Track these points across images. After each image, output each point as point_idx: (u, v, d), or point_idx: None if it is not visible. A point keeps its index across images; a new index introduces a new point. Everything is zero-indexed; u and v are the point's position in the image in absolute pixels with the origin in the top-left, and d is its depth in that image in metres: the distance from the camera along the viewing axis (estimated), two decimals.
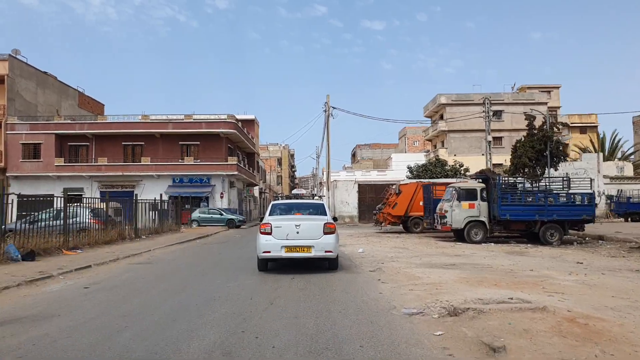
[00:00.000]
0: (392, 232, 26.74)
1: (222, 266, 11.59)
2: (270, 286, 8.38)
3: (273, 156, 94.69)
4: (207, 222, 33.25)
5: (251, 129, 49.11)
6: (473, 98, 60.51)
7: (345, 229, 30.88)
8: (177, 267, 11.39)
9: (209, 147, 38.26)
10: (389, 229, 28.17)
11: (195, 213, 33.90)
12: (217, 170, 37.16)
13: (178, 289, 8.25)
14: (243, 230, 30.55)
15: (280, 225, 9.66)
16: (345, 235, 23.40)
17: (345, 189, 37.85)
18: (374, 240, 20.42)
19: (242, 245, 18.01)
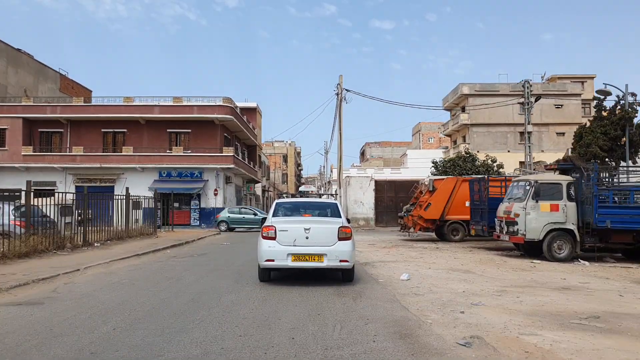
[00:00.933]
0: (422, 240, 21.26)
1: (158, 317, 6.13)
2: None
3: (278, 153, 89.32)
4: (239, 223, 28.33)
5: (252, 118, 43.80)
6: (499, 88, 55.06)
7: (361, 234, 25.41)
8: (68, 324, 5.95)
9: (201, 135, 32.95)
10: (416, 236, 22.67)
11: (224, 213, 28.72)
12: (210, 163, 31.83)
13: None
14: (240, 235, 25.15)
15: (287, 229, 8.17)
16: (364, 244, 17.97)
17: (359, 187, 32.42)
18: (409, 253, 14.96)
19: (219, 264, 12.36)
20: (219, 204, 32.38)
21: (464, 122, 54.29)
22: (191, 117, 32.26)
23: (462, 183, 20.29)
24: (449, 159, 36.12)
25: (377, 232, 27.81)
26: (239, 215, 28.65)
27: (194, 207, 32.38)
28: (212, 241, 19.79)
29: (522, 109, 56.45)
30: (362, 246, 17.22)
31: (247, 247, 16.26)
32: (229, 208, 29.86)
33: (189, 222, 32.32)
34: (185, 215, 32.43)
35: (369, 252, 15.19)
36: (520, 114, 54.64)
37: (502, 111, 54.15)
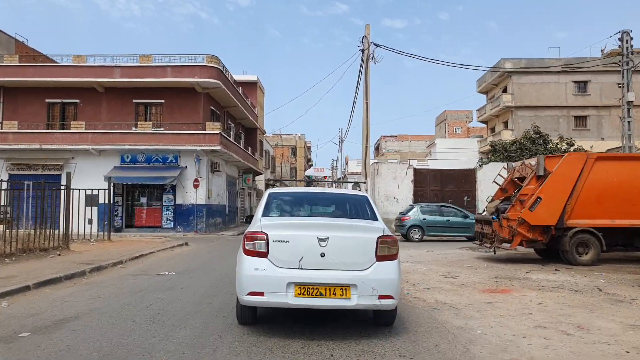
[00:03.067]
0: (515, 259, 12.56)
1: None
2: None
3: (286, 145, 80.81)
4: (440, 229, 19.74)
5: (252, 95, 35.30)
6: (549, 64, 45.83)
7: (400, 245, 16.84)
8: None
9: (179, 108, 24.51)
10: (504, 254, 13.90)
11: (416, 214, 19.71)
12: (189, 143, 23.36)
13: None
14: (229, 248, 16.71)
15: (287, 239, 4.79)
16: (420, 270, 9.40)
17: (392, 177, 23.73)
18: (549, 305, 6.20)
19: None
20: (200, 199, 23.90)
21: (506, 104, 45.40)
22: (164, 83, 23.80)
23: (596, 163, 11.58)
24: (512, 140, 27.46)
25: (423, 241, 19.14)
26: (441, 218, 19.69)
27: (167, 203, 23.97)
28: (153, 264, 11.21)
29: (577, 88, 47.44)
30: (422, 275, 8.71)
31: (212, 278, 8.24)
32: (421, 206, 20.29)
33: (160, 223, 23.93)
34: (156, 215, 24.04)
35: (450, 293, 6.74)
36: (576, 94, 45.77)
37: (552, 91, 45.17)
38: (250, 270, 4.76)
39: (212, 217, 25.16)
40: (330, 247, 4.76)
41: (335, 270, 4.75)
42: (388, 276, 4.82)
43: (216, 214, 26.12)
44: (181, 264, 10.93)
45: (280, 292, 4.67)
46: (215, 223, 25.79)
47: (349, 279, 4.70)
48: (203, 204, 23.90)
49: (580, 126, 44.52)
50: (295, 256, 4.76)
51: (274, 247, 4.79)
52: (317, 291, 4.69)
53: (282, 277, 4.70)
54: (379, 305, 4.80)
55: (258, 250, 4.82)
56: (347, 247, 4.84)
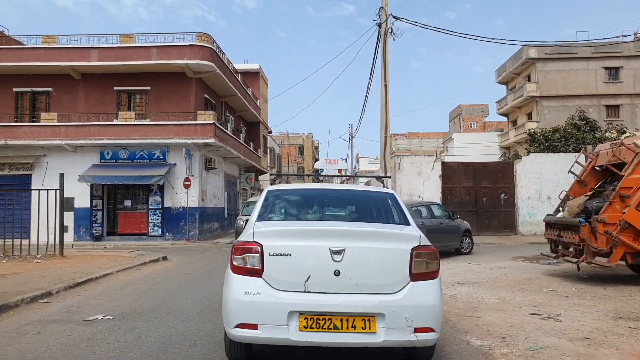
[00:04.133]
0: (611, 278, 8.97)
1: None
2: None
3: (293, 144, 77.42)
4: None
5: (254, 86, 31.90)
6: (577, 50, 42.02)
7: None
8: None
9: (168, 95, 21.16)
10: (586, 270, 10.27)
11: None
12: (178, 136, 19.97)
13: None
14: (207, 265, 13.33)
15: (289, 251, 3.64)
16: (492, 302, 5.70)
17: (416, 172, 20.17)
18: None
19: None
20: (193, 202, 20.51)
21: (530, 93, 41.72)
22: (149, 66, 20.45)
23: None
24: (554, 128, 23.79)
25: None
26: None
27: (154, 206, 20.61)
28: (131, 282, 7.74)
29: (608, 75, 43.58)
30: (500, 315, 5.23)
31: None
32: None
33: (147, 230, 20.57)
34: (141, 220, 20.70)
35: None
36: (607, 81, 41.94)
37: (581, 79, 41.32)
38: (239, 293, 3.58)
39: (207, 221, 21.78)
40: (347, 263, 3.57)
41: (355, 294, 3.56)
42: (427, 301, 3.60)
43: (212, 218, 22.74)
44: (136, 296, 7.45)
45: (280, 325, 3.48)
46: (211, 228, 22.40)
47: (374, 307, 3.52)
48: (195, 206, 20.51)
49: (613, 116, 40.59)
50: (299, 275, 3.57)
51: (271, 262, 3.61)
52: (329, 323, 3.47)
53: (281, 304, 3.51)
54: (415, 341, 3.54)
55: (250, 267, 3.64)
56: (371, 263, 3.63)
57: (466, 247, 14.42)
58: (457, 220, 14.48)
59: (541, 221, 20.75)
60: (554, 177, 20.54)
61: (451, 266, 11.80)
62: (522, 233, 20.40)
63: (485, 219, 20.52)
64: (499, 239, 19.76)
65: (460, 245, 14.16)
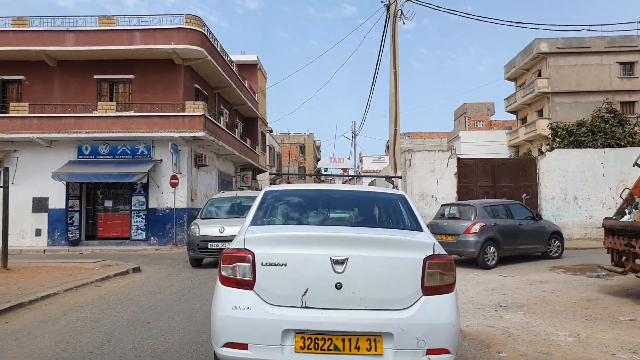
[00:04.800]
0: None
1: None
2: None
3: (294, 143, 75.38)
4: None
5: (252, 79, 29.87)
6: (590, 44, 40.06)
7: (463, 273, 11.22)
8: None
9: (153, 85, 19.14)
10: (634, 283, 8.23)
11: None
12: (163, 129, 17.94)
13: None
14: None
15: (284, 261, 3.17)
16: None
17: (429, 170, 18.11)
18: None
19: None
20: (181, 202, 18.48)
21: (542, 89, 39.67)
22: (133, 52, 18.43)
23: None
24: (579, 122, 21.70)
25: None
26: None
27: (137, 207, 18.58)
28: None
29: (623, 70, 41.57)
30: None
31: None
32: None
33: (129, 233, 18.54)
34: (124, 222, 18.67)
35: None
36: (622, 77, 39.93)
37: (595, 74, 39.31)
38: (228, 308, 3.14)
39: None
40: (350, 274, 3.12)
41: (359, 310, 3.12)
42: (441, 319, 3.11)
43: None
44: (67, 334, 5.33)
45: (273, 345, 3.04)
46: None
47: (381, 325, 3.05)
48: (184, 207, 18.48)
49: (627, 113, 38.49)
50: (296, 288, 3.14)
51: (263, 273, 3.17)
52: (329, 343, 3.02)
53: (275, 321, 3.08)
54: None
55: (240, 279, 3.18)
56: (377, 274, 3.16)
57: (555, 251, 12.92)
58: (542, 221, 13.15)
59: (567, 223, 18.83)
60: (581, 175, 18.48)
61: (481, 279, 9.78)
62: None
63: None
64: None
65: (547, 248, 12.74)
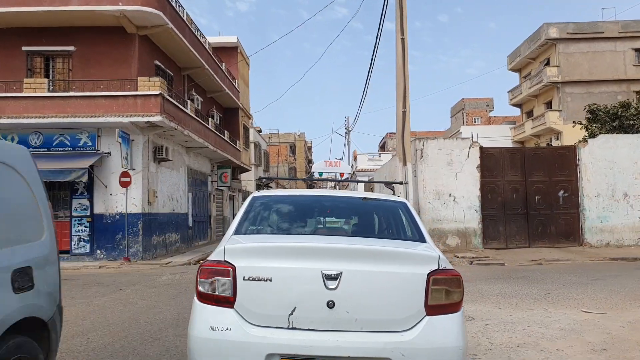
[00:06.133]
0: None
1: None
2: None
3: (284, 142, 71.61)
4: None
5: (232, 64, 26.08)
6: (603, 29, 36.96)
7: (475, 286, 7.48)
8: None
9: (99, 60, 15.31)
10: None
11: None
12: (109, 113, 14.11)
13: None
14: None
15: (269, 275, 2.75)
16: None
17: (446, 162, 14.48)
18: None
19: None
20: (134, 206, 14.66)
21: (551, 79, 36.35)
22: (72, 16, 14.58)
23: None
24: (622, 102, 18.23)
25: (512, 276, 9.91)
26: None
27: (79, 212, 14.72)
28: None
29: (638, 57, 38.68)
30: None
31: None
32: None
33: (69, 246, 14.67)
34: (62, 232, 14.74)
35: None
36: (637, 64, 36.73)
37: (608, 62, 36.09)
38: (204, 329, 2.77)
39: (158, 232, 15.93)
40: (344, 291, 2.74)
41: (354, 332, 2.74)
42: (447, 342, 2.74)
43: (168, 228, 16.88)
44: None
45: None
46: (165, 242, 16.54)
47: (379, 350, 2.68)
48: (138, 212, 14.65)
49: None
50: (282, 306, 2.76)
51: (245, 289, 2.78)
52: None
53: (258, 344, 2.70)
54: None
55: (219, 295, 2.81)
56: (375, 291, 2.79)
57: None
58: None
59: (617, 227, 15.27)
60: (633, 166, 14.99)
61: (557, 316, 6.18)
62: (591, 243, 14.79)
63: (538, 225, 14.88)
64: (560, 252, 14.12)
65: None
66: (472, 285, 8.81)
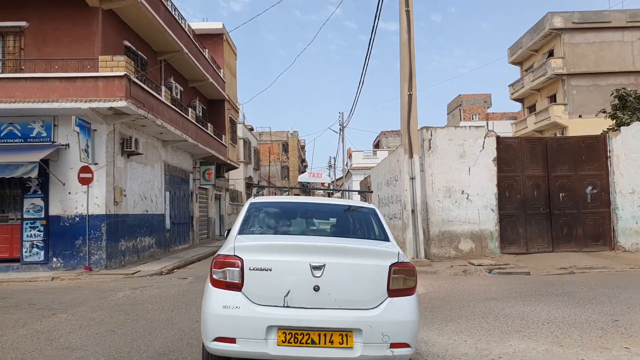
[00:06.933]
0: None
1: None
2: None
3: (277, 140, 69.48)
4: None
5: (217, 53, 24.01)
6: (610, 18, 35.32)
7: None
8: None
9: (57, 38, 13.23)
10: None
11: None
12: (65, 98, 12.02)
13: None
14: None
15: (269, 266, 3.76)
16: None
17: (458, 154, 12.55)
18: None
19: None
20: (97, 206, 12.58)
21: (556, 71, 34.62)
22: None
23: None
24: None
25: (549, 291, 7.95)
26: None
27: (31, 213, 12.59)
28: None
29: None
30: None
31: None
32: None
33: (19, 253, 12.56)
34: (11, 237, 12.68)
35: None
36: None
37: (616, 53, 34.43)
38: (219, 307, 3.66)
39: (126, 236, 13.85)
40: (327, 278, 3.67)
41: (333, 309, 3.67)
42: (403, 317, 3.71)
43: (139, 231, 14.80)
44: None
45: (258, 339, 3.59)
46: (135, 247, 14.45)
47: (352, 322, 3.62)
48: (102, 214, 12.57)
49: None
50: (279, 290, 3.67)
51: (250, 277, 3.68)
52: (307, 338, 3.58)
53: (260, 319, 3.61)
54: (391, 356, 3.66)
55: (229, 282, 3.70)
56: (350, 278, 3.73)
57: None
58: None
59: None
60: None
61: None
62: (624, 247, 12.88)
63: (563, 226, 12.95)
64: (590, 257, 12.22)
65: None
66: (508, 307, 6.84)
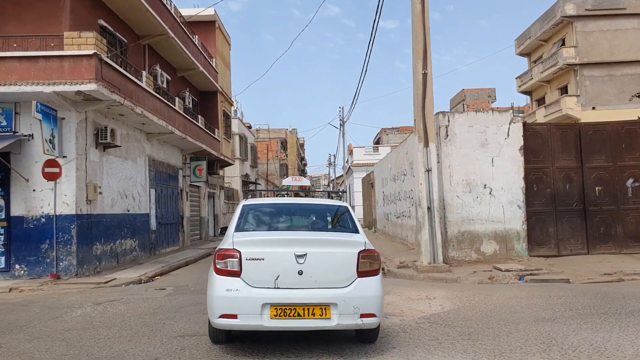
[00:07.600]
0: None
1: None
2: None
3: (275, 137, 67.79)
4: None
5: (209, 42, 22.36)
6: (625, 5, 33.59)
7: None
8: None
9: (19, 12, 11.60)
10: None
11: None
12: (25, 80, 10.39)
13: None
14: None
15: (262, 256, 4.75)
16: None
17: (479, 143, 10.95)
18: None
19: None
20: (66, 205, 10.93)
21: (568, 61, 32.88)
22: None
23: None
24: None
25: (615, 308, 6.32)
26: None
27: None
28: None
29: None
30: None
31: None
32: None
33: None
34: None
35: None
36: None
37: (631, 41, 32.74)
38: (222, 291, 4.69)
39: (104, 239, 12.21)
40: (308, 264, 4.69)
41: (314, 288, 4.70)
42: (370, 293, 4.78)
43: (120, 233, 13.16)
44: None
45: (255, 314, 4.60)
46: (114, 251, 12.81)
47: (329, 298, 4.65)
48: (71, 214, 10.94)
49: None
50: (271, 275, 4.69)
51: (247, 265, 4.71)
52: (294, 312, 4.60)
53: (256, 298, 4.62)
54: (361, 324, 4.73)
55: (230, 270, 4.73)
56: (327, 264, 4.79)
57: None
58: None
59: None
60: None
61: None
62: None
63: (600, 225, 11.33)
64: (635, 260, 10.61)
65: None
66: (571, 333, 5.18)
